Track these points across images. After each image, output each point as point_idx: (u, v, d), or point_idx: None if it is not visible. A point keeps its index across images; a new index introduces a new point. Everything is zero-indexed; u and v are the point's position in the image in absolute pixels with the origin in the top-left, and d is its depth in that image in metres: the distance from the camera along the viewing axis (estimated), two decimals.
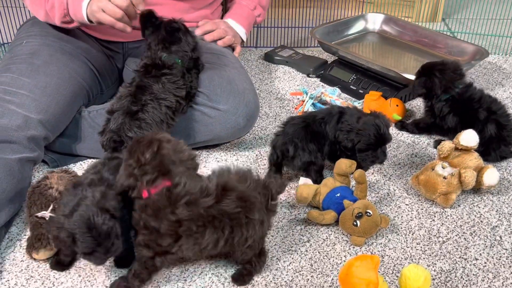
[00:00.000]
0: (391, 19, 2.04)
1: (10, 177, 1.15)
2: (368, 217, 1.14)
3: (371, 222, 1.15)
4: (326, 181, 1.26)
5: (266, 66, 1.97)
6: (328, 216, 1.19)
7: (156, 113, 1.25)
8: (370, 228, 1.15)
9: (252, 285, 1.06)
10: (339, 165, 1.24)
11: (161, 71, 1.28)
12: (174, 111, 1.30)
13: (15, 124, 1.21)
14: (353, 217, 1.14)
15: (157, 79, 1.27)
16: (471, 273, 1.10)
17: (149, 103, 1.25)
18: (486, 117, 1.38)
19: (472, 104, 1.41)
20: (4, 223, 1.15)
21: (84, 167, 1.38)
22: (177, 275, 1.08)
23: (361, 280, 0.85)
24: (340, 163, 1.24)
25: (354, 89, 1.75)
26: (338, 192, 1.22)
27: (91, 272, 1.09)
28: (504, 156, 1.42)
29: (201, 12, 1.64)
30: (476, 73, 1.92)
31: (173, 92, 1.29)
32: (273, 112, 1.67)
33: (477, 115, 1.39)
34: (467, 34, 2.15)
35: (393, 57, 1.91)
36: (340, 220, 1.18)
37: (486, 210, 1.27)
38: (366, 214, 1.15)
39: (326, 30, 1.95)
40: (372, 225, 1.15)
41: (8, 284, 1.06)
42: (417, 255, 1.14)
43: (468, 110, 1.41)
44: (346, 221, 1.16)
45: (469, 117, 1.40)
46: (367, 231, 1.15)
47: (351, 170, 1.23)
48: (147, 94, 1.25)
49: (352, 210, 1.15)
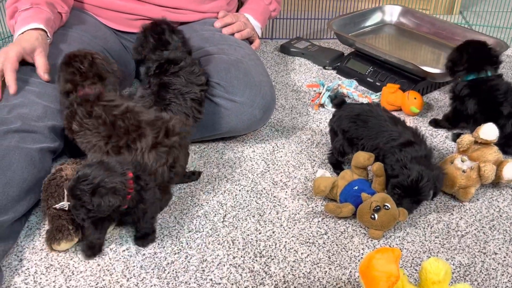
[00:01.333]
0: (408, 11, 2.03)
1: (31, 167, 1.16)
2: (386, 210, 1.14)
3: (389, 216, 1.14)
4: (343, 174, 1.25)
5: (282, 58, 1.96)
6: (346, 209, 1.19)
7: (180, 109, 1.26)
8: (388, 222, 1.15)
9: (269, 276, 1.07)
10: (357, 158, 1.24)
11: (178, 65, 1.29)
12: (200, 101, 1.30)
13: (36, 114, 1.22)
14: (370, 210, 1.14)
15: (176, 74, 1.28)
16: (491, 267, 1.10)
17: (173, 101, 1.26)
18: (510, 113, 1.36)
19: (496, 96, 1.37)
20: (25, 212, 1.16)
21: None
22: (195, 265, 1.09)
23: (382, 273, 0.85)
24: (358, 156, 1.24)
25: (371, 81, 1.74)
26: (356, 185, 1.22)
27: (110, 261, 1.10)
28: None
29: (218, 2, 1.64)
30: None
31: (195, 82, 1.29)
32: (289, 104, 1.67)
33: (501, 108, 1.36)
34: (486, 27, 2.13)
35: (411, 50, 1.89)
36: (358, 213, 1.18)
37: (505, 204, 1.26)
38: (384, 207, 1.14)
39: (343, 22, 1.93)
40: (390, 219, 1.15)
41: (28, 272, 1.07)
42: (436, 248, 1.14)
43: (491, 101, 1.37)
44: (364, 214, 1.16)
45: (491, 109, 1.37)
46: (385, 225, 1.15)
47: (369, 163, 1.23)
48: (171, 92, 1.27)
49: (370, 203, 1.15)
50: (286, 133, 1.52)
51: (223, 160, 1.40)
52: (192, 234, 1.17)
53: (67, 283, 1.05)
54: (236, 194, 1.29)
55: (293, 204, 1.26)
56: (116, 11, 1.53)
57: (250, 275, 1.07)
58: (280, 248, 1.14)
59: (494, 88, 1.37)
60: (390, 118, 1.29)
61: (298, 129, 1.54)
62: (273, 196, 1.28)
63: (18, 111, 1.21)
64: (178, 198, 1.27)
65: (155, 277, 1.07)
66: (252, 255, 1.12)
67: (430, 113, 1.62)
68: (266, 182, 1.33)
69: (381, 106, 1.35)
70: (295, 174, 1.36)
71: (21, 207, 1.13)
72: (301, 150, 1.45)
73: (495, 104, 1.37)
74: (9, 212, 1.10)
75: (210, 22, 1.61)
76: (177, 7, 1.58)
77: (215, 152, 1.44)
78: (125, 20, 1.55)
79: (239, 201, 1.27)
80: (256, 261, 1.10)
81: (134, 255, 1.11)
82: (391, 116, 1.30)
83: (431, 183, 1.16)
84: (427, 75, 1.62)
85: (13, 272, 1.07)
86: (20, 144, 1.16)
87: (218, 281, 1.06)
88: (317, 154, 1.43)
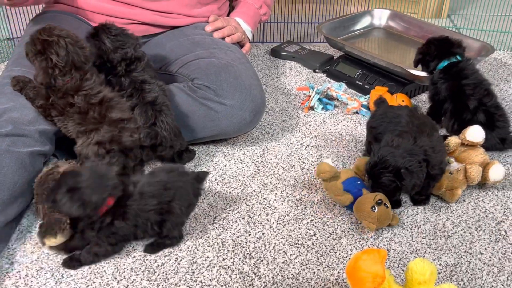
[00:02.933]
0: (397, 15, 2.04)
1: (22, 170, 1.16)
2: (386, 208, 1.15)
3: (386, 213, 1.15)
4: (346, 170, 1.28)
5: (273, 62, 1.96)
6: (346, 196, 1.20)
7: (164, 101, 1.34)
8: (384, 219, 1.15)
9: (259, 277, 1.07)
10: (362, 162, 1.26)
11: (144, 61, 1.37)
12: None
13: (27, 119, 1.22)
14: (374, 201, 1.15)
15: (144, 70, 1.36)
16: (476, 267, 1.10)
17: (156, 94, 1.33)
18: (475, 107, 1.38)
19: (464, 86, 1.40)
20: (16, 215, 1.15)
21: None
22: (185, 267, 1.09)
23: (368, 274, 0.85)
24: (363, 161, 1.26)
25: (360, 84, 1.74)
26: (359, 181, 1.24)
27: (101, 264, 1.10)
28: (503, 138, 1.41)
29: (209, 7, 1.64)
30: (482, 69, 1.90)
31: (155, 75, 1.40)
32: (279, 107, 1.67)
33: (468, 102, 1.38)
34: (473, 30, 2.14)
35: (399, 53, 1.90)
36: (357, 202, 1.18)
37: (491, 205, 1.27)
38: (385, 205, 1.15)
39: (333, 26, 1.94)
40: (387, 216, 1.16)
41: (19, 275, 1.07)
42: (423, 249, 1.14)
43: (460, 86, 1.40)
44: (366, 203, 1.16)
45: (460, 96, 1.40)
46: (381, 220, 1.15)
47: None
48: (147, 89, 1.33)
49: (374, 196, 1.16)
50: (276, 135, 1.53)
51: (213, 163, 1.40)
52: None
53: (57, 285, 1.05)
54: (226, 196, 1.29)
55: (282, 206, 1.26)
56: (108, 15, 1.53)
57: (240, 276, 1.07)
58: (270, 249, 1.14)
59: (463, 72, 1.41)
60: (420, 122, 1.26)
61: (288, 132, 1.54)
62: (263, 198, 1.29)
63: (9, 115, 1.20)
64: None
65: (145, 279, 1.06)
66: (241, 257, 1.12)
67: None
68: (256, 184, 1.33)
69: (417, 110, 1.34)
70: (285, 176, 1.36)
71: (12, 210, 1.13)
72: (291, 152, 1.45)
73: (463, 93, 1.39)
74: None
75: (201, 26, 1.61)
76: (168, 12, 1.58)
77: (206, 154, 1.44)
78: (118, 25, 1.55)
79: (229, 203, 1.27)
80: (246, 262, 1.10)
81: (124, 257, 1.11)
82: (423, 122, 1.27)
83: (391, 171, 1.15)
84: (415, 78, 1.63)
85: (4, 275, 1.07)
86: (11, 147, 1.16)
87: (208, 283, 1.06)
88: (307, 157, 1.43)
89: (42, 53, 1.17)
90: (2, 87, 1.28)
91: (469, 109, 1.38)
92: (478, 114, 1.38)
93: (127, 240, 1.11)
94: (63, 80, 1.19)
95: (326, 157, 1.43)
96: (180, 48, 1.53)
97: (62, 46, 1.17)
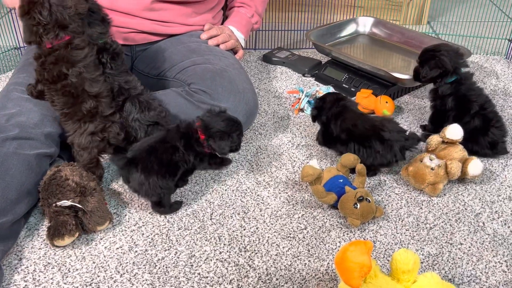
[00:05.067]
0: (380, 22, 2.04)
1: (29, 171, 1.15)
2: (367, 203, 1.15)
3: (369, 208, 1.15)
4: (329, 169, 1.27)
5: (264, 67, 1.96)
6: (329, 197, 1.20)
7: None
8: (367, 213, 1.15)
9: (253, 269, 1.07)
10: (347, 157, 1.25)
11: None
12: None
13: (33, 122, 1.21)
14: (355, 199, 1.15)
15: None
16: (457, 256, 1.11)
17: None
18: (476, 112, 1.37)
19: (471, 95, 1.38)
20: (24, 214, 1.15)
21: None
22: (184, 260, 1.09)
23: (355, 264, 0.85)
24: (349, 156, 1.25)
25: (347, 87, 1.75)
26: (341, 179, 1.24)
27: (104, 258, 1.09)
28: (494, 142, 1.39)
29: (203, 16, 1.64)
30: None
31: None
32: (271, 109, 1.67)
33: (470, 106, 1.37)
34: (451, 36, 2.15)
35: (383, 57, 1.90)
36: (341, 201, 1.18)
37: (470, 199, 1.28)
38: (366, 199, 1.15)
39: (320, 33, 1.94)
40: (370, 211, 1.16)
41: (27, 270, 1.06)
42: (406, 240, 1.15)
43: (466, 98, 1.38)
44: (348, 201, 1.16)
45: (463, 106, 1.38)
46: (364, 215, 1.15)
47: (357, 163, 1.24)
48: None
49: (356, 193, 1.16)
50: (268, 136, 1.53)
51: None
52: (181, 232, 1.17)
53: (64, 280, 1.04)
54: (222, 194, 1.29)
55: (275, 201, 1.26)
56: None
57: (235, 268, 1.07)
58: (263, 243, 1.14)
59: (470, 87, 1.40)
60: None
61: (279, 132, 1.54)
62: (257, 194, 1.29)
63: (16, 119, 1.20)
64: None
65: (146, 272, 1.06)
66: (237, 250, 1.12)
67: (401, 115, 1.63)
68: (250, 182, 1.33)
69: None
70: (277, 174, 1.36)
71: (20, 209, 1.12)
72: (282, 151, 1.45)
73: (468, 102, 1.38)
74: (8, 214, 1.08)
75: (197, 35, 1.61)
76: (165, 21, 1.58)
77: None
78: (117, 33, 1.54)
79: (225, 200, 1.27)
80: (241, 255, 1.10)
81: (127, 252, 1.11)
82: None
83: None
84: (398, 80, 1.64)
85: (13, 271, 1.06)
86: (18, 150, 1.16)
87: (206, 275, 1.06)
88: (298, 155, 1.44)
89: (28, 13, 1.15)
90: (9, 93, 1.28)
91: (470, 113, 1.37)
92: (476, 118, 1.37)
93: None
94: (48, 38, 1.15)
95: (314, 155, 1.43)
96: (177, 55, 1.53)
97: (45, 6, 1.14)
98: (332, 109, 1.37)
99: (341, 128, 1.34)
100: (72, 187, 1.14)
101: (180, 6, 1.57)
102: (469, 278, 1.05)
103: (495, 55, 2.05)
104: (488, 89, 1.78)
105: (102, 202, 1.16)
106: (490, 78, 1.87)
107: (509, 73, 1.91)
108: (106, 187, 1.30)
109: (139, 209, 1.23)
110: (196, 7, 1.61)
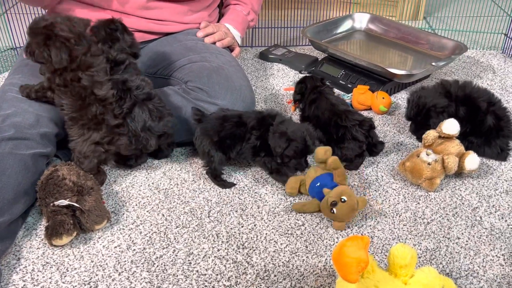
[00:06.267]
0: (376, 18, 2.04)
1: (25, 171, 1.15)
2: (343, 203, 1.13)
3: (347, 207, 1.13)
4: (309, 172, 1.25)
5: (261, 64, 1.96)
6: (310, 205, 1.19)
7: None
8: (347, 213, 1.14)
9: (251, 266, 1.06)
10: (316, 153, 1.22)
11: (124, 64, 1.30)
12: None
13: (28, 123, 1.21)
14: (328, 206, 1.14)
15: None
16: (454, 251, 1.10)
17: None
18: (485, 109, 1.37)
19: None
20: (21, 213, 1.14)
21: None
22: (182, 258, 1.08)
23: (352, 259, 0.85)
24: (318, 151, 1.22)
25: (343, 83, 1.74)
26: (318, 182, 1.21)
27: (103, 257, 1.09)
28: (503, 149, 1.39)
29: (199, 14, 1.64)
30: (456, 66, 1.91)
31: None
32: (268, 106, 1.66)
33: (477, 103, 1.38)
34: (447, 31, 2.15)
35: (379, 53, 1.90)
36: (321, 208, 1.18)
37: (467, 193, 1.28)
38: (341, 200, 1.13)
39: (316, 29, 1.94)
40: (349, 210, 1.14)
41: (26, 270, 1.06)
42: (404, 235, 1.15)
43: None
44: (324, 209, 1.16)
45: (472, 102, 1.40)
46: (345, 216, 1.14)
47: (328, 156, 1.21)
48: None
49: (327, 199, 1.15)
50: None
51: None
52: (179, 230, 1.16)
53: (62, 279, 1.04)
54: (220, 191, 1.28)
55: (272, 199, 1.26)
56: None
57: (234, 265, 1.07)
58: (261, 239, 1.13)
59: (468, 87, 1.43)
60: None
61: None
62: (255, 192, 1.28)
63: (12, 120, 1.19)
64: (166, 197, 1.26)
65: (145, 270, 1.06)
66: (235, 247, 1.11)
67: (397, 111, 1.63)
68: (248, 179, 1.33)
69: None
70: None
71: (17, 209, 1.12)
72: None
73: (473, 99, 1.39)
74: (5, 214, 1.08)
75: (193, 33, 1.61)
76: (161, 19, 1.57)
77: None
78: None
79: (223, 197, 1.26)
80: (239, 252, 1.10)
81: (125, 250, 1.11)
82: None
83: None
84: (394, 76, 1.63)
85: (11, 270, 1.06)
86: (14, 150, 1.15)
87: (204, 272, 1.05)
88: None
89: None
90: (4, 93, 1.27)
91: (481, 111, 1.37)
92: (488, 116, 1.36)
93: None
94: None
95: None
96: (174, 53, 1.52)
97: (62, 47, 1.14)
98: (310, 95, 1.37)
99: (314, 115, 1.34)
100: (69, 187, 1.13)
101: (176, 4, 1.57)
102: (466, 272, 1.05)
103: (492, 49, 2.04)
104: (484, 84, 1.78)
105: (100, 201, 1.16)
106: (486, 72, 1.87)
107: (505, 67, 1.90)
108: (103, 186, 1.30)
109: (136, 208, 1.23)
110: (191, 5, 1.60)
